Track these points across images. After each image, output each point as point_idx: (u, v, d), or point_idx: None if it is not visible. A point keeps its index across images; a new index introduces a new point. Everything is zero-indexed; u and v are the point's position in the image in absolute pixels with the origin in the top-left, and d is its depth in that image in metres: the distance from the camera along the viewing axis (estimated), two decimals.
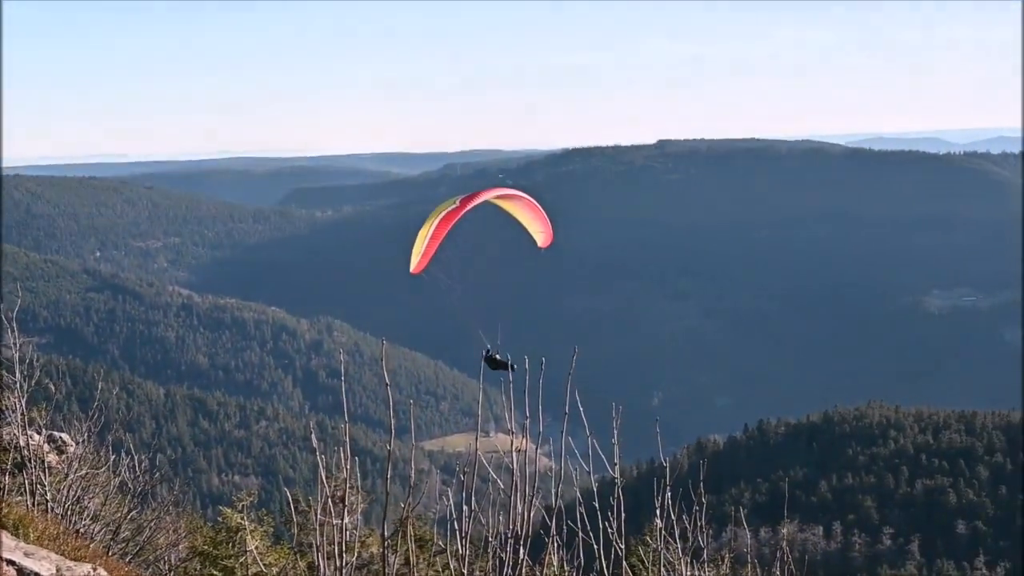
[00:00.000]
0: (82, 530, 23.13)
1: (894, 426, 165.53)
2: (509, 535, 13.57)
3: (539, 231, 26.36)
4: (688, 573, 16.52)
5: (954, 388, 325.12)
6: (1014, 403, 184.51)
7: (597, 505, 14.59)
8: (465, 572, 13.57)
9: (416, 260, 23.80)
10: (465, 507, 13.40)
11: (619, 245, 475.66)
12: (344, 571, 13.82)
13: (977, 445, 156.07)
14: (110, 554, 21.73)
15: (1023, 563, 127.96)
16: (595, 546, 14.71)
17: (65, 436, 25.69)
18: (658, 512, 15.50)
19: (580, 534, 14.56)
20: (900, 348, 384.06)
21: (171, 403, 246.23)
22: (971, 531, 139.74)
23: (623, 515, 14.79)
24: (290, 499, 16.20)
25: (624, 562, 14.80)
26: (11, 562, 13.91)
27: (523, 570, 13.71)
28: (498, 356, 23.78)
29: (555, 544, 14.48)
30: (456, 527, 13.54)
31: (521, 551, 13.61)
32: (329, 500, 13.09)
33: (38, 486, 22.58)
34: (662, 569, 16.13)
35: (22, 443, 22.57)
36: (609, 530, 14.79)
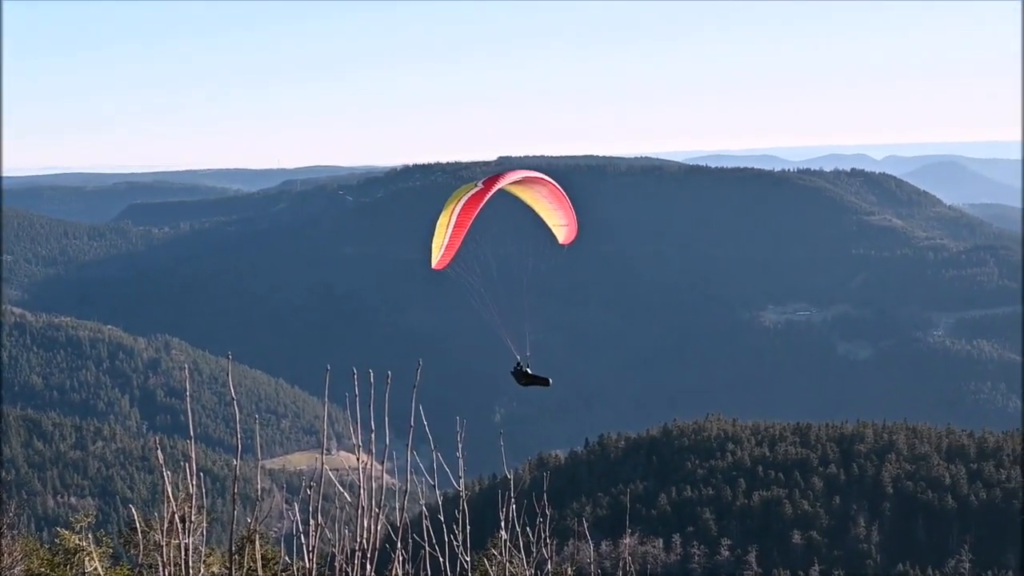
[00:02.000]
0: None
1: (732, 439, 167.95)
2: (356, 549, 13.60)
3: (560, 224, 24.12)
4: None
5: (789, 401, 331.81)
6: (846, 415, 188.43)
7: (442, 519, 14.70)
8: None
9: (438, 254, 21.69)
10: (312, 521, 13.39)
11: (460, 260, 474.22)
12: None
13: (812, 456, 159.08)
14: None
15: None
16: (441, 559, 14.81)
17: None
18: (503, 524, 15.64)
19: (426, 548, 14.64)
20: (737, 362, 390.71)
21: (4, 424, 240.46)
22: (806, 541, 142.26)
23: (468, 528, 14.93)
24: (135, 518, 15.93)
25: (470, 575, 14.92)
26: None
27: None
28: (529, 370, 22.81)
29: (401, 558, 14.53)
30: (303, 542, 13.52)
31: (368, 566, 13.65)
32: (176, 518, 12.97)
33: None
34: None
35: None
36: (455, 543, 14.91)
